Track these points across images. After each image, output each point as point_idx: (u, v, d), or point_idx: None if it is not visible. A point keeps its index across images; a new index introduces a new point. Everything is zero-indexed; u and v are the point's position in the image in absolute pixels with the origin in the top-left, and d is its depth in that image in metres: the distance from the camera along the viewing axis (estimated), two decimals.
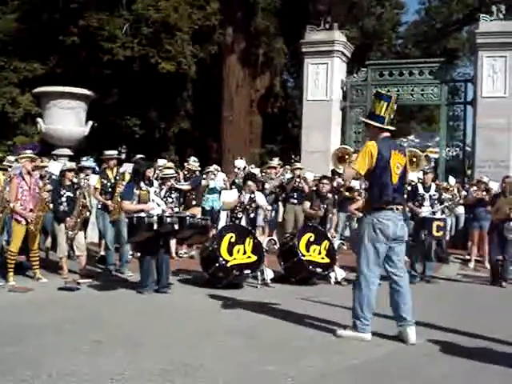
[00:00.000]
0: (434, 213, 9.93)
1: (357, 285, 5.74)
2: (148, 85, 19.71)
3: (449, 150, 15.87)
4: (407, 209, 9.89)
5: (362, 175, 5.75)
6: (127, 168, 9.64)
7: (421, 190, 10.00)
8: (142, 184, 8.02)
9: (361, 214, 9.38)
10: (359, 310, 5.62)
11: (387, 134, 5.76)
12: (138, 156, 11.42)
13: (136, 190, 7.96)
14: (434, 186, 10.11)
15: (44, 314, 6.52)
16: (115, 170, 9.82)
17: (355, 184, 11.34)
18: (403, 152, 5.86)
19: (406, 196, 10.38)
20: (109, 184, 9.64)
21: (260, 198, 9.29)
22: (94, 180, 9.65)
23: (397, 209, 5.68)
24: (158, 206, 8.12)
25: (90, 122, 14.53)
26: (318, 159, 14.61)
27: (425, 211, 9.83)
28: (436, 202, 10.07)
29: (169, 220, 7.82)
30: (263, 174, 13.04)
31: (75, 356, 4.86)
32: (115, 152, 10.39)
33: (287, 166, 13.64)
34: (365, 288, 5.62)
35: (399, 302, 5.66)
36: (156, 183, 8.57)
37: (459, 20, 27.39)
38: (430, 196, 9.95)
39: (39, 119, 14.42)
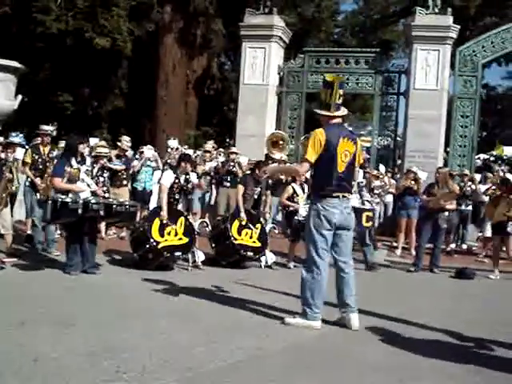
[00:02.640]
0: (363, 201, 10.02)
1: (307, 272, 5.63)
2: (81, 60, 19.26)
3: (381, 139, 16.20)
4: None
5: (313, 163, 5.59)
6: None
7: None
8: (73, 161, 7.79)
9: (296, 205, 9.50)
10: (310, 298, 5.54)
11: (337, 121, 5.70)
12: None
13: (67, 167, 7.73)
14: (361, 173, 10.16)
15: None
16: (49, 146, 9.52)
17: None
18: (353, 139, 5.72)
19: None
20: (40, 160, 9.35)
21: (193, 177, 9.18)
22: (21, 154, 9.32)
23: (343, 196, 5.62)
24: (88, 186, 7.91)
25: (20, 96, 14.01)
26: (252, 143, 14.60)
27: (353, 200, 9.84)
28: (364, 189, 10.13)
29: (94, 206, 7.55)
30: (197, 156, 12.95)
31: None
32: (52, 128, 10.06)
33: (221, 149, 13.59)
34: (316, 275, 5.55)
35: (344, 289, 5.66)
36: (89, 161, 8.31)
37: (396, 12, 27.91)
38: (358, 183, 9.93)
39: None
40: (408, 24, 15.59)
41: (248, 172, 10.32)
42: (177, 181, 8.78)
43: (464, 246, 13.35)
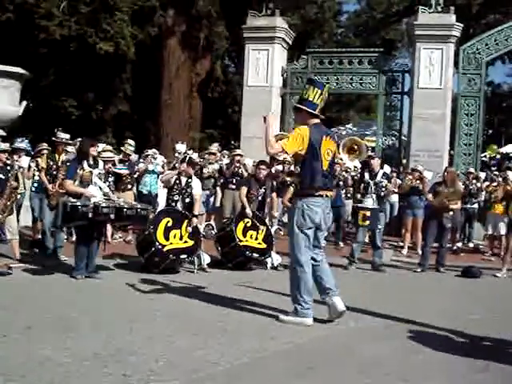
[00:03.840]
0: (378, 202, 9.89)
1: (292, 270, 5.79)
2: (85, 65, 19.30)
3: (385, 139, 16.22)
4: (343, 195, 9.89)
5: (289, 155, 5.85)
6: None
7: (367, 177, 9.89)
8: (85, 164, 7.82)
9: None
10: (298, 294, 5.67)
11: (317, 121, 5.80)
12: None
13: (79, 170, 7.76)
14: (381, 172, 10.05)
15: None
16: (63, 154, 9.57)
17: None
18: (334, 138, 5.92)
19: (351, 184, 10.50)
20: (54, 167, 9.40)
21: (196, 186, 9.05)
22: (26, 162, 9.36)
23: (326, 195, 5.76)
24: (100, 189, 7.93)
25: (24, 102, 14.07)
26: (257, 145, 14.54)
27: (369, 202, 9.75)
28: (382, 189, 9.96)
29: (105, 210, 7.56)
30: (202, 159, 12.96)
31: (4, 342, 4.72)
32: (67, 135, 10.09)
33: (225, 151, 13.60)
34: (300, 272, 5.66)
35: (321, 276, 5.79)
36: (101, 164, 8.29)
37: (399, 11, 27.87)
38: (376, 183, 9.79)
39: None
40: (411, 23, 15.59)
41: (252, 173, 10.34)
42: (178, 182, 8.80)
43: (470, 245, 13.34)
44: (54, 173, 9.34)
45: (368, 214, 9.86)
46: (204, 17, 20.54)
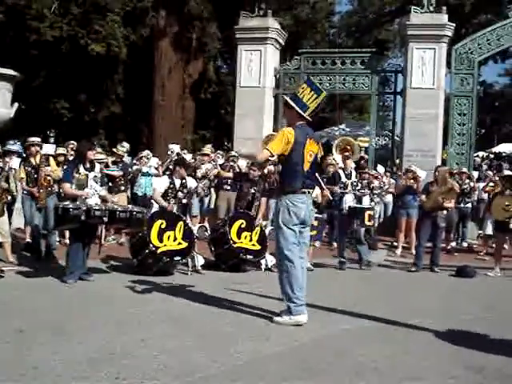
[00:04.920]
0: (359, 200, 9.98)
1: (281, 268, 5.81)
2: (77, 67, 19.22)
3: (378, 139, 16.24)
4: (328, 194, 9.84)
5: (274, 157, 5.92)
6: (48, 150, 9.33)
7: (343, 177, 10.01)
8: (81, 167, 7.78)
9: None
10: (290, 292, 5.68)
11: (303, 122, 5.87)
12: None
13: (75, 174, 7.72)
14: (354, 173, 10.16)
15: None
16: (38, 156, 9.52)
17: None
18: (317, 140, 6.04)
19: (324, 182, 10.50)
20: (33, 171, 9.36)
21: (190, 181, 9.15)
22: (17, 163, 9.32)
23: (308, 192, 5.88)
24: (96, 192, 7.87)
25: (16, 104, 13.97)
26: (250, 146, 14.56)
27: (348, 199, 9.89)
28: (366, 189, 10.13)
29: (97, 213, 7.48)
30: (195, 160, 12.91)
31: None
32: (37, 138, 10.05)
33: (219, 152, 13.57)
34: (291, 268, 5.70)
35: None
36: (98, 167, 8.21)
37: (391, 11, 27.91)
38: (352, 183, 9.95)
39: None
40: (403, 23, 15.60)
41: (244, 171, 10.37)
42: (171, 186, 8.78)
43: (464, 244, 13.35)
44: (35, 176, 9.32)
45: (372, 213, 9.92)
46: (196, 18, 20.49)
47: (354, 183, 9.98)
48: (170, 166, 12.16)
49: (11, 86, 13.91)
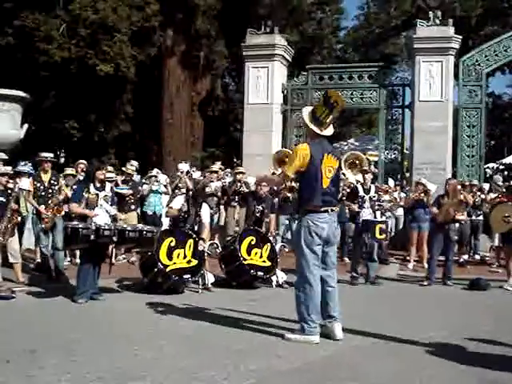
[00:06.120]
0: (374, 215, 9.95)
1: (300, 288, 5.69)
2: (86, 87, 19.33)
3: (387, 153, 16.14)
4: (347, 210, 9.89)
5: (292, 178, 5.81)
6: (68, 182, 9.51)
7: (361, 191, 9.96)
8: (91, 187, 7.79)
9: None
10: (305, 313, 5.58)
11: (321, 138, 5.78)
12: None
13: (85, 193, 7.73)
14: (373, 188, 10.12)
15: None
16: (50, 173, 9.55)
17: (296, 185, 11.37)
18: (336, 155, 5.89)
19: (345, 197, 10.49)
20: (42, 187, 9.37)
21: (205, 214, 8.88)
22: (26, 183, 9.35)
23: (331, 210, 5.71)
24: (107, 212, 7.87)
25: (26, 126, 14.09)
26: (259, 163, 14.56)
27: (366, 214, 9.84)
28: (376, 203, 10.09)
29: (106, 233, 7.49)
30: (204, 177, 12.92)
31: (6, 367, 4.66)
32: (51, 154, 10.10)
33: (228, 169, 13.58)
34: (310, 291, 5.59)
35: (329, 302, 5.75)
36: (108, 187, 8.23)
37: (397, 26, 27.96)
38: (370, 198, 9.89)
39: None
40: (410, 37, 15.62)
41: (252, 189, 10.34)
42: (186, 210, 8.74)
43: (477, 257, 13.22)
44: (43, 194, 9.33)
45: (384, 227, 9.85)
46: (203, 36, 20.63)
47: (374, 198, 9.89)
48: (180, 185, 12.19)
49: (21, 108, 14.11)
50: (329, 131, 5.81)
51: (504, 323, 6.84)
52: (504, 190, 11.76)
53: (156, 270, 8.14)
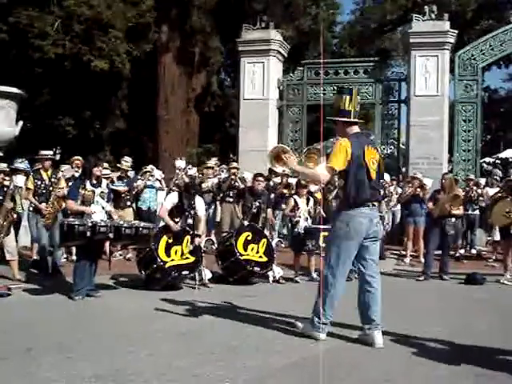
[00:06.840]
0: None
1: (324, 281, 5.48)
2: (81, 83, 19.26)
3: (384, 148, 16.12)
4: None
5: (337, 172, 5.41)
6: (66, 173, 9.33)
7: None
8: (87, 183, 7.76)
9: (297, 218, 9.44)
10: (320, 306, 5.43)
11: (356, 129, 5.58)
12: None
13: (81, 190, 7.69)
14: None
15: None
16: (50, 171, 9.51)
17: (292, 181, 11.36)
18: (375, 147, 5.68)
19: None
20: (43, 185, 9.33)
21: (199, 207, 8.88)
22: (21, 181, 9.29)
23: (373, 205, 5.50)
24: (103, 208, 7.85)
25: (21, 123, 14.02)
26: (255, 158, 14.54)
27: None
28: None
29: (102, 229, 7.43)
30: (201, 174, 12.89)
31: (4, 364, 4.64)
32: (50, 152, 10.05)
33: (223, 165, 13.56)
34: (331, 286, 5.44)
35: (370, 304, 5.50)
36: (104, 183, 8.18)
37: (393, 20, 27.93)
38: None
39: None
40: (405, 31, 15.63)
41: (248, 185, 10.32)
42: (179, 203, 8.71)
43: (473, 251, 13.24)
44: (44, 192, 9.28)
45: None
46: (198, 32, 20.57)
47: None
48: (177, 182, 12.15)
49: (16, 105, 14.02)
50: (357, 119, 5.60)
51: (500, 318, 6.84)
52: (504, 184, 11.75)
53: (154, 266, 8.13)
